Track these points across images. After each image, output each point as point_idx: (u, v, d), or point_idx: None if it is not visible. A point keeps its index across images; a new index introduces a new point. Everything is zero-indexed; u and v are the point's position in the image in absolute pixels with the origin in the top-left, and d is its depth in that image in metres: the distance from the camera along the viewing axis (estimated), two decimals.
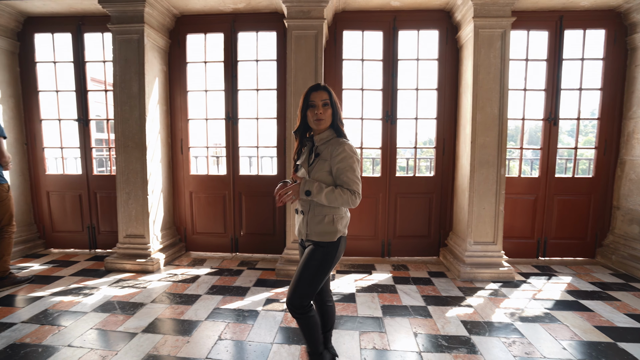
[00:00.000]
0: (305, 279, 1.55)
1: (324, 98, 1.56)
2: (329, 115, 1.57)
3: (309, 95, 1.58)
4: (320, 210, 1.58)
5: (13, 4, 3.46)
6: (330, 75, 3.65)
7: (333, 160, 1.54)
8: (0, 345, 2.15)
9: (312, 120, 1.57)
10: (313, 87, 1.60)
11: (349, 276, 3.32)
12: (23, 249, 3.83)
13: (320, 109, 1.55)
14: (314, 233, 1.59)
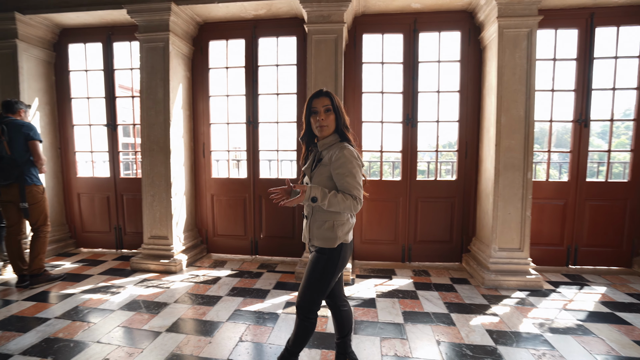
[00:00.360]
0: (312, 285, 1.58)
1: (325, 104, 1.55)
2: (331, 120, 1.56)
3: (311, 102, 1.58)
4: (320, 215, 1.58)
5: (50, 17, 3.67)
6: (350, 78, 3.65)
7: (333, 165, 1.52)
8: (37, 339, 2.26)
9: (315, 126, 1.58)
10: (315, 93, 1.59)
11: (368, 281, 3.28)
12: (56, 248, 4.02)
13: (322, 115, 1.55)
14: (315, 238, 1.60)
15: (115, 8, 3.46)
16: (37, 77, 3.84)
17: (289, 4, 3.37)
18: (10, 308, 2.71)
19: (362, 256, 3.86)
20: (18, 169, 2.88)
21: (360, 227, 3.82)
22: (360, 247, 3.85)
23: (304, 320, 1.60)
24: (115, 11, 3.52)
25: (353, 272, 3.48)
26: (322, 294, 1.59)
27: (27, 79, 3.72)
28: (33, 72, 3.80)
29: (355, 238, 3.84)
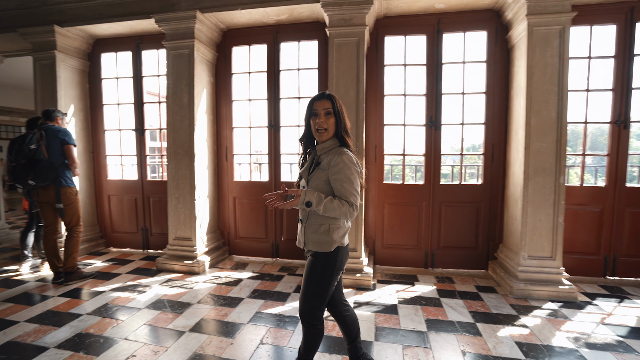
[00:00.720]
0: (311, 290, 1.57)
1: (326, 107, 1.53)
2: (331, 124, 1.54)
3: (312, 104, 1.56)
4: (316, 219, 1.56)
5: (85, 28, 3.87)
6: (372, 81, 3.62)
7: (330, 170, 1.51)
8: (70, 334, 2.37)
9: (314, 129, 1.56)
10: (317, 96, 1.57)
11: (390, 286, 3.22)
12: (88, 247, 4.22)
13: (322, 117, 1.53)
14: (310, 242, 1.58)
15: (144, 18, 3.60)
16: (73, 85, 4.06)
17: (310, 8, 3.39)
18: (47, 303, 2.86)
19: (383, 261, 3.79)
20: (54, 172, 3.05)
21: (382, 232, 3.76)
22: (382, 252, 3.79)
23: (309, 328, 1.59)
24: (144, 21, 3.67)
25: (374, 277, 3.42)
26: (322, 299, 1.58)
27: (64, 87, 3.95)
28: (69, 80, 4.02)
29: (377, 242, 3.79)
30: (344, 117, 1.57)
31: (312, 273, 1.57)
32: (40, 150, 3.00)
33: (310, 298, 1.57)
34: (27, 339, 2.32)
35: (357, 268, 3.26)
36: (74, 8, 3.79)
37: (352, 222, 3.28)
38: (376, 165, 3.72)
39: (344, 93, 3.23)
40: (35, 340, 2.30)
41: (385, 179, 3.81)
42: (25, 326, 2.49)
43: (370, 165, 3.71)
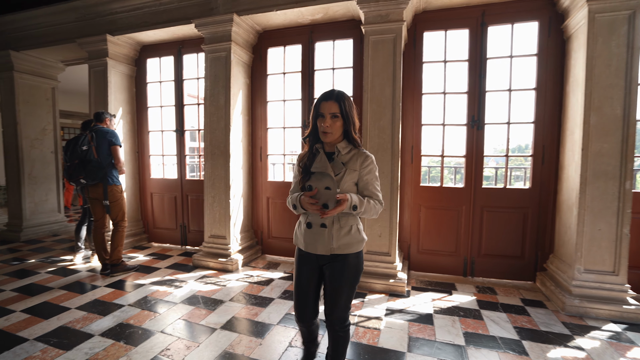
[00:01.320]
0: (346, 293, 1.57)
1: (333, 110, 1.47)
2: (337, 127, 1.50)
3: (319, 105, 1.50)
4: (346, 221, 1.55)
5: (133, 36, 4.12)
6: (409, 79, 3.47)
7: (363, 171, 1.53)
8: (113, 323, 2.51)
9: (320, 131, 1.51)
10: (324, 95, 1.51)
11: (425, 294, 3.06)
12: (132, 241, 4.49)
13: (328, 121, 1.48)
14: (341, 246, 1.54)
15: (185, 23, 3.75)
16: (121, 90, 4.34)
17: (346, 6, 3.32)
18: (95, 292, 3.06)
19: (418, 267, 3.62)
20: (102, 171, 3.26)
21: (418, 236, 3.60)
22: (417, 257, 3.62)
23: (342, 331, 1.62)
24: (185, 26, 3.82)
25: (408, 284, 3.28)
26: (352, 299, 1.62)
27: (114, 91, 4.23)
28: (119, 85, 4.31)
29: (412, 247, 3.63)
30: (353, 118, 1.52)
31: (348, 275, 1.56)
32: (90, 151, 3.22)
33: (346, 301, 1.58)
34: (76, 325, 2.49)
35: (390, 273, 3.13)
36: (123, 17, 4.04)
37: (386, 225, 3.16)
38: (412, 166, 3.56)
39: (380, 92, 3.13)
40: (83, 327, 2.46)
41: (422, 181, 3.64)
42: (76, 313, 2.68)
43: (406, 166, 3.56)
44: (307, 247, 1.58)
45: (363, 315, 2.65)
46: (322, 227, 1.54)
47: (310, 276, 1.62)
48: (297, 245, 1.66)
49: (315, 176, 1.53)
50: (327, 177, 1.50)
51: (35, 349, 2.20)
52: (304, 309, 1.66)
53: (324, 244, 1.54)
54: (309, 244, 1.57)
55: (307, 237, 1.57)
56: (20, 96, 4.84)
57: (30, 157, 4.95)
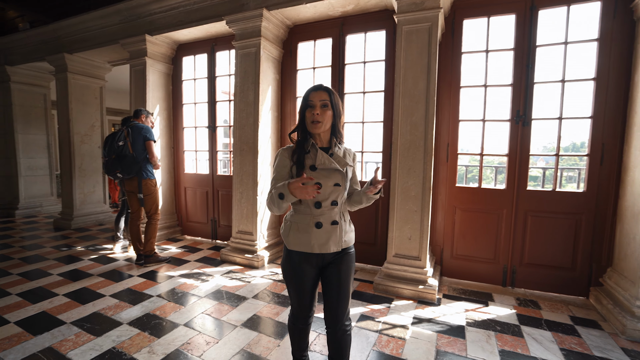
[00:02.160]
0: (348, 290, 1.54)
1: (323, 98, 1.43)
2: (328, 117, 1.44)
3: (308, 95, 1.45)
4: (347, 215, 1.58)
5: (170, 35, 4.26)
6: (446, 71, 3.22)
7: (354, 167, 1.59)
8: (141, 313, 2.60)
9: (309, 121, 1.44)
10: (313, 87, 1.47)
11: (458, 303, 2.83)
12: (167, 234, 4.68)
13: (318, 109, 1.42)
14: (348, 239, 1.54)
15: (217, 20, 3.80)
16: (159, 87, 4.52)
17: None
18: (128, 282, 3.21)
19: (451, 273, 3.38)
20: (137, 165, 3.40)
21: (452, 240, 3.35)
22: (451, 263, 3.38)
23: (346, 330, 1.57)
24: (217, 23, 3.86)
25: (440, 291, 3.06)
26: None
27: (152, 89, 4.41)
28: (156, 83, 4.48)
29: (446, 252, 3.39)
30: (341, 112, 1.49)
31: (352, 267, 1.56)
32: (126, 146, 3.37)
33: (348, 298, 1.55)
34: (108, 312, 2.61)
35: (419, 279, 2.94)
36: (160, 18, 4.19)
37: (416, 228, 2.97)
38: (448, 165, 3.32)
39: (412, 85, 2.93)
40: (114, 314, 2.57)
41: (459, 182, 3.38)
42: (109, 300, 2.81)
43: (441, 165, 3.33)
44: (319, 248, 1.46)
45: (388, 323, 2.50)
46: (333, 225, 1.47)
47: (314, 278, 1.53)
48: (298, 248, 1.48)
49: (321, 173, 1.44)
50: (336, 174, 1.45)
51: (70, 332, 2.33)
52: (304, 301, 1.55)
53: (336, 241, 1.48)
54: (322, 245, 1.46)
55: (319, 238, 1.46)
56: (73, 95, 5.23)
57: (81, 152, 5.34)
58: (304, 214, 1.48)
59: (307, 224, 1.46)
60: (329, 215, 1.47)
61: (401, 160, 3.02)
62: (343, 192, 1.48)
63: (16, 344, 2.19)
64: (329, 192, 1.45)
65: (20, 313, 2.59)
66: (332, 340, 1.57)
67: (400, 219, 3.05)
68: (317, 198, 1.44)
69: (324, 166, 1.43)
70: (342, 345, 1.56)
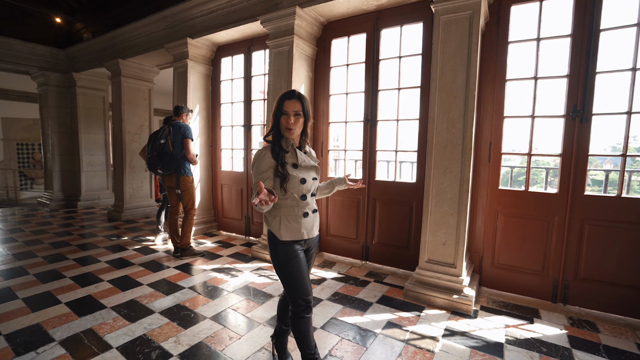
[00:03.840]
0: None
1: (296, 109, 1.58)
2: (300, 124, 1.61)
3: (282, 103, 1.59)
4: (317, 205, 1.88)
5: (210, 37, 4.43)
6: (490, 63, 2.96)
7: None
8: (172, 303, 2.71)
9: (284, 127, 1.60)
10: (287, 94, 1.61)
11: (497, 317, 2.58)
12: (203, 228, 4.88)
13: (292, 118, 1.57)
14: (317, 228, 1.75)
15: (253, 21, 3.87)
16: (199, 88, 4.72)
17: None
18: (165, 272, 3.37)
19: (491, 283, 3.10)
20: (176, 162, 3.56)
21: (493, 248, 3.08)
22: (491, 272, 3.10)
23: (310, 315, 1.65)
24: (253, 24, 3.93)
25: (477, 302, 2.82)
26: None
27: (193, 90, 4.62)
28: (197, 84, 4.69)
29: (485, 260, 3.12)
30: (310, 117, 1.66)
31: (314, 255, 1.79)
32: (167, 144, 3.55)
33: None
34: (143, 300, 2.76)
35: (454, 287, 2.73)
36: (201, 21, 4.37)
37: (452, 232, 2.77)
38: (490, 166, 3.05)
39: (450, 79, 2.73)
40: (148, 303, 2.71)
41: (502, 184, 3.09)
42: (146, 289, 2.97)
43: (482, 166, 3.07)
44: (307, 233, 1.67)
45: (416, 333, 2.35)
46: (314, 213, 1.71)
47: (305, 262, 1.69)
48: (292, 238, 1.62)
49: (302, 170, 1.64)
50: (313, 169, 1.68)
51: (109, 316, 2.49)
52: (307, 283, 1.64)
53: (317, 226, 1.74)
54: (309, 230, 1.68)
55: (307, 225, 1.67)
56: (125, 97, 5.66)
57: (131, 149, 5.77)
58: (291, 207, 1.63)
59: (296, 215, 1.64)
60: (311, 205, 1.70)
61: (437, 159, 2.83)
62: (317, 184, 1.74)
63: (64, 323, 2.39)
64: (310, 185, 1.66)
65: (70, 295, 2.84)
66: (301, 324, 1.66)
67: (435, 223, 2.86)
68: (303, 191, 1.63)
69: (304, 164, 1.64)
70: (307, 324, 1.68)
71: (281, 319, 1.91)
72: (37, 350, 2.07)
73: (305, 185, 1.62)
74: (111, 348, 2.10)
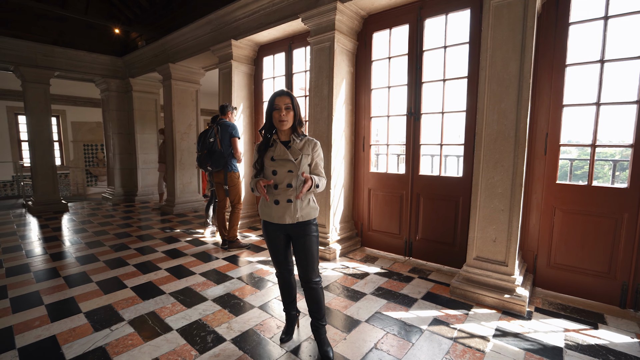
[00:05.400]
0: (316, 252, 1.94)
1: (286, 102, 1.82)
2: (291, 117, 1.84)
3: (274, 100, 1.83)
4: (305, 195, 1.89)
5: (252, 37, 4.57)
6: (547, 48, 2.75)
7: (314, 155, 1.91)
8: (223, 292, 2.88)
9: (277, 121, 1.82)
10: (276, 92, 1.85)
11: (554, 320, 2.42)
12: (248, 222, 5.09)
13: (283, 111, 1.80)
14: (304, 215, 1.88)
15: (294, 19, 3.93)
16: (242, 87, 4.91)
17: None
18: (214, 263, 3.58)
19: (547, 284, 2.91)
20: (224, 159, 3.75)
21: (549, 246, 2.88)
22: (547, 273, 2.91)
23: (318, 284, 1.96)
24: (294, 22, 4.00)
25: (531, 303, 2.66)
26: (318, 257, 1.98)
27: (237, 89, 4.82)
28: (241, 83, 4.88)
29: (540, 259, 2.93)
30: (299, 111, 1.88)
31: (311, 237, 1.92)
32: (215, 142, 3.75)
33: (314, 260, 1.93)
34: (197, 288, 2.96)
35: (505, 286, 2.60)
36: (244, 23, 4.53)
37: (503, 229, 2.63)
38: (546, 159, 2.84)
39: (502, 68, 2.58)
40: (201, 290, 2.90)
41: (560, 178, 2.87)
42: (198, 278, 3.18)
43: (537, 159, 2.87)
44: (277, 219, 1.87)
45: (465, 331, 2.28)
46: (288, 202, 1.86)
47: (279, 238, 1.95)
48: (265, 219, 1.94)
49: (278, 162, 1.85)
50: (289, 163, 1.84)
51: (168, 301, 2.71)
52: (278, 258, 2.01)
53: (290, 215, 1.86)
54: (280, 217, 1.86)
55: (276, 212, 1.87)
56: (175, 99, 6.05)
57: (180, 148, 6.16)
58: (269, 194, 1.89)
59: (268, 201, 1.89)
60: (284, 195, 1.85)
61: (486, 153, 2.70)
62: (296, 177, 1.84)
63: (131, 305, 2.64)
64: (283, 177, 1.84)
65: (134, 280, 3.12)
66: (307, 295, 1.97)
67: (484, 219, 2.73)
68: (275, 181, 1.85)
69: (280, 157, 1.84)
70: (314, 297, 1.95)
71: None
72: (110, 328, 2.31)
73: (276, 176, 1.85)
74: (172, 330, 2.29)
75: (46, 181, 6.42)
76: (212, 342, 2.14)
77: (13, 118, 9.42)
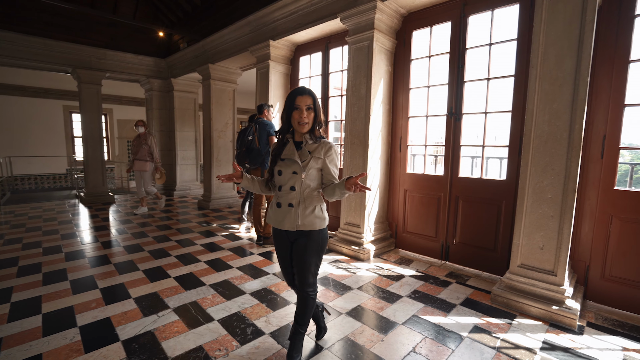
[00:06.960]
0: (310, 264, 1.77)
1: (308, 103, 1.66)
2: (311, 118, 1.69)
3: (295, 99, 1.67)
4: (310, 201, 1.74)
5: (289, 38, 4.64)
6: (607, 43, 2.56)
7: (327, 159, 1.73)
8: (260, 286, 2.95)
9: (296, 122, 1.68)
10: (298, 90, 1.69)
11: (609, 337, 2.25)
12: None
13: (304, 113, 1.66)
14: (306, 223, 1.72)
15: (332, 19, 3.94)
16: (279, 87, 5.00)
17: None
18: (250, 258, 3.68)
19: (600, 298, 2.71)
20: (261, 157, 3.85)
21: (604, 257, 2.68)
22: (600, 285, 2.71)
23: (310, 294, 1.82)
24: (331, 22, 4.01)
25: (582, 317, 2.50)
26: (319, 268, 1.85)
27: (274, 88, 4.91)
28: (278, 83, 4.97)
29: (593, 270, 2.74)
30: (320, 113, 1.72)
31: (311, 249, 1.75)
32: (254, 140, 3.85)
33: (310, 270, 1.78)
34: (235, 281, 3.06)
35: (554, 297, 2.46)
36: (282, 23, 4.61)
37: (552, 236, 2.49)
38: (603, 163, 2.65)
39: (555, 65, 2.44)
40: (239, 284, 3.00)
41: (618, 184, 2.66)
42: (235, 271, 3.29)
43: (591, 163, 2.69)
44: (276, 224, 1.77)
45: (508, 341, 2.18)
46: (289, 207, 1.73)
47: (284, 248, 1.83)
48: (267, 221, 1.87)
49: (285, 162, 1.73)
50: (294, 164, 1.70)
51: (208, 292, 2.82)
52: (282, 263, 1.90)
53: (290, 221, 1.72)
54: (279, 222, 1.75)
55: (277, 215, 1.77)
56: (213, 98, 6.28)
57: (217, 145, 6.39)
58: (275, 195, 1.81)
59: (273, 203, 1.82)
60: (286, 198, 1.74)
61: (535, 155, 2.56)
62: (300, 180, 1.70)
63: (175, 294, 2.78)
64: (287, 178, 1.72)
65: (176, 271, 3.29)
66: (298, 300, 1.87)
67: (531, 224, 2.60)
68: (279, 182, 1.76)
69: (287, 157, 1.73)
70: (303, 304, 1.84)
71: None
72: (157, 314, 2.45)
73: (281, 177, 1.74)
74: (213, 320, 2.38)
75: (96, 175, 6.92)
76: (252, 335, 2.21)
77: (68, 116, 10.23)
